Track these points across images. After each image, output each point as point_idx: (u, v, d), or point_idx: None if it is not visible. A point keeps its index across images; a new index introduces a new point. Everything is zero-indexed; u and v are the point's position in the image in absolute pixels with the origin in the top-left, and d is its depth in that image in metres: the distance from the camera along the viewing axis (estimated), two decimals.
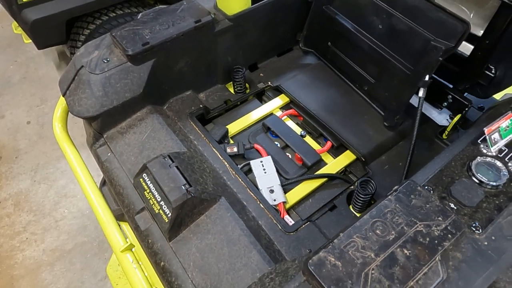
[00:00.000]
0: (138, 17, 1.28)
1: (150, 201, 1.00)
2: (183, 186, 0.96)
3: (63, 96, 1.19)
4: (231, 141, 1.33)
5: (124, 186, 1.10)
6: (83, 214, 2.12)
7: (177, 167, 1.00)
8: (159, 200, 0.98)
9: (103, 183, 1.49)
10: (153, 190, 1.00)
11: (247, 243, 0.94)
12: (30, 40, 2.47)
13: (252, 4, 1.40)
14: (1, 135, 2.56)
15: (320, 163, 1.26)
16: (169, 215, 0.95)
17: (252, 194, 1.09)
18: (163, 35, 1.20)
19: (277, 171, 1.20)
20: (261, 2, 1.37)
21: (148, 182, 1.02)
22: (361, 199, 1.07)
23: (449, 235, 0.74)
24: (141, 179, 1.04)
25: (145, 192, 1.02)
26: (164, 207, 0.97)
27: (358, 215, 1.11)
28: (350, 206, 1.13)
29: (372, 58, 1.29)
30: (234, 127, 1.35)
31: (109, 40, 1.24)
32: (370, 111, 1.35)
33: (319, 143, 1.33)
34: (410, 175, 0.92)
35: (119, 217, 1.45)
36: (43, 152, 2.44)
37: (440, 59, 1.07)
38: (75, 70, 1.18)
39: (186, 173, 1.00)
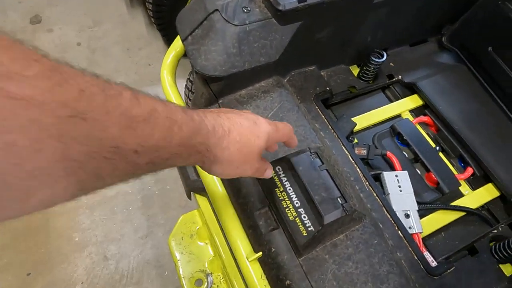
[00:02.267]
0: None
1: (283, 203, 0.81)
2: (338, 199, 0.77)
3: (183, 41, 0.96)
4: (355, 140, 1.12)
5: None
6: None
7: (327, 170, 0.81)
8: (297, 205, 0.80)
9: None
10: (290, 192, 0.81)
11: (397, 285, 0.77)
12: None
13: None
14: (49, 51, 2.28)
15: (457, 191, 1.07)
16: (310, 229, 0.77)
17: (389, 217, 0.90)
18: None
19: None
20: None
21: (284, 179, 0.82)
22: None
23: None
24: (272, 172, 0.84)
25: (277, 189, 0.83)
26: (305, 217, 0.78)
27: (500, 266, 0.94)
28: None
29: None
30: (358, 122, 1.13)
31: None
32: None
33: (452, 165, 1.13)
34: None
35: (195, 189, 1.28)
36: None
37: None
38: (205, 12, 0.94)
39: (336, 180, 0.80)
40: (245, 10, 0.93)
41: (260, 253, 0.79)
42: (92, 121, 0.29)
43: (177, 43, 1.03)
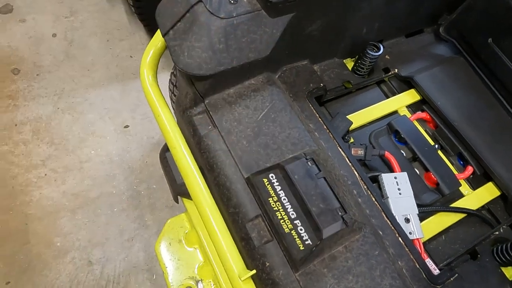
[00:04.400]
0: None
1: (278, 214, 0.75)
2: (338, 210, 0.71)
3: (164, 36, 0.87)
4: (352, 140, 1.06)
5: (232, 180, 0.83)
6: (112, 161, 1.85)
7: (325, 178, 0.74)
8: (293, 217, 0.73)
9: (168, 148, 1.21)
10: (285, 202, 0.75)
11: None
12: None
13: None
14: (21, 43, 2.17)
15: (457, 192, 1.03)
16: (307, 242, 0.71)
17: (389, 223, 0.85)
18: None
19: None
20: None
21: (278, 188, 0.76)
22: None
23: None
24: (265, 179, 0.78)
25: (270, 199, 0.76)
26: (301, 230, 0.72)
27: (502, 269, 0.91)
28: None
29: None
30: (354, 120, 1.07)
31: None
32: None
33: (451, 163, 1.08)
34: None
35: (182, 193, 1.21)
36: (69, 75, 2.09)
37: None
38: (187, 4, 0.85)
39: (334, 189, 0.74)
40: (232, 1, 0.84)
41: (254, 271, 0.73)
42: None
43: (158, 38, 0.94)
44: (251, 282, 0.72)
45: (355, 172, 0.90)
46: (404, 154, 1.06)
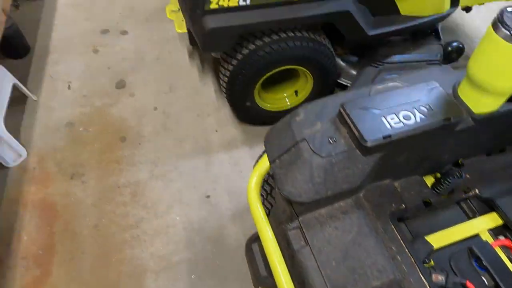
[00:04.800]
0: (370, 92, 1.10)
1: None
2: None
3: (271, 163, 1.05)
4: (432, 262, 1.12)
5: None
6: (193, 228, 2.06)
7: None
8: None
9: (255, 239, 1.37)
10: None
11: None
12: (181, 30, 2.43)
13: None
14: (130, 114, 2.58)
15: None
16: None
17: None
18: (405, 128, 1.00)
19: None
20: None
21: None
22: None
23: None
24: None
25: None
26: None
27: None
28: None
29: None
30: (432, 241, 1.13)
31: (332, 111, 1.07)
32: None
33: None
34: None
35: (262, 284, 1.34)
36: (165, 146, 2.42)
37: None
38: (293, 140, 1.03)
39: None
40: (331, 142, 1.01)
41: None
42: None
43: (263, 163, 1.13)
44: None
45: None
46: (486, 282, 1.08)
